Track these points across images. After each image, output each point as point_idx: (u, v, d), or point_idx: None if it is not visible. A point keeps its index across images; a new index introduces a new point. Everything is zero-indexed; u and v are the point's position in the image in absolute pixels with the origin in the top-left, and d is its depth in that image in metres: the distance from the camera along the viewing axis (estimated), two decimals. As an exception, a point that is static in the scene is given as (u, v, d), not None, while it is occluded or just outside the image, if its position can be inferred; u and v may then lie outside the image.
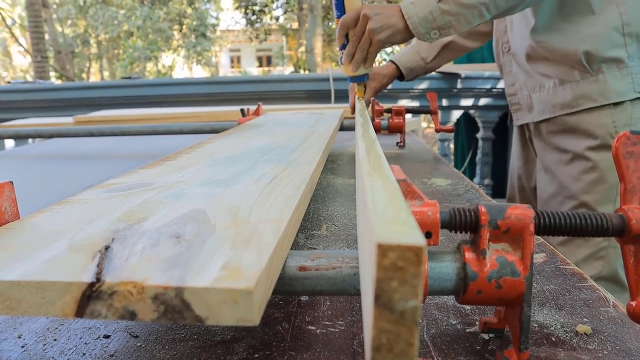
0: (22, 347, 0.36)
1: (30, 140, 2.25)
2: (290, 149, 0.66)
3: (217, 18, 18.29)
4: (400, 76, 1.39)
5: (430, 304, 0.43)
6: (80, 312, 0.25)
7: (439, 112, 1.29)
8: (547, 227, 0.34)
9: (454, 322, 0.40)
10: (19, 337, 0.38)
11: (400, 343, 0.20)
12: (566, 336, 0.37)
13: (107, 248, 0.29)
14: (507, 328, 0.37)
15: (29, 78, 17.18)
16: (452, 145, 3.64)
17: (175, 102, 2.97)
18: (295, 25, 15.29)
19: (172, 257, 0.28)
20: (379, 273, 0.20)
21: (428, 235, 0.32)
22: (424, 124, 5.96)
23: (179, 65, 18.89)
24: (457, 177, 0.94)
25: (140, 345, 0.37)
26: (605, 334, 0.37)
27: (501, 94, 2.97)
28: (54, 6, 15.45)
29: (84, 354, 0.35)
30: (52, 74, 12.04)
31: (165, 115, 1.76)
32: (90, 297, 0.25)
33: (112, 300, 0.25)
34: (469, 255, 0.33)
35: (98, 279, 0.25)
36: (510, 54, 1.19)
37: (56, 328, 0.39)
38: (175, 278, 0.25)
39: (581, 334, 0.38)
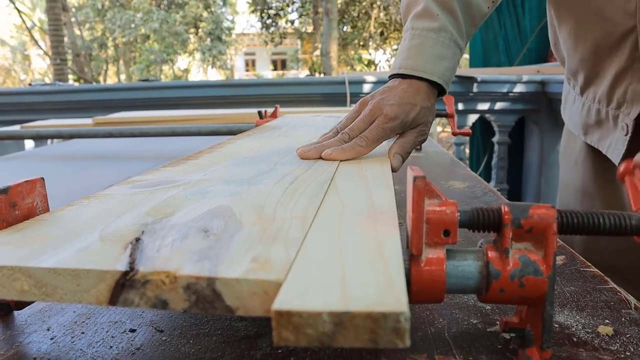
0: (51, 339, 0.37)
1: (48, 141, 2.28)
2: (310, 150, 0.67)
3: (232, 22, 18.42)
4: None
5: (450, 304, 0.43)
6: (113, 300, 0.26)
7: (455, 116, 1.29)
8: (569, 226, 0.34)
9: (474, 322, 0.40)
10: (48, 330, 0.39)
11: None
12: (588, 337, 0.37)
13: (137, 240, 0.30)
14: (528, 327, 0.37)
15: (47, 80, 17.44)
16: (467, 150, 3.63)
17: (192, 104, 3.00)
18: (310, 28, 15.34)
19: (203, 250, 0.28)
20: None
21: (446, 233, 0.33)
22: (439, 128, 5.95)
23: (194, 69, 19.05)
24: (475, 180, 0.94)
25: (165, 339, 0.37)
26: (628, 336, 0.37)
27: (517, 98, 2.96)
28: (73, 9, 15.67)
29: (111, 346, 0.36)
30: (70, 76, 12.21)
31: (182, 117, 1.78)
32: (123, 285, 0.26)
33: (145, 289, 0.25)
34: (491, 254, 0.33)
35: (132, 268, 0.26)
36: None
37: (83, 322, 0.40)
38: (206, 269, 0.25)
39: (603, 335, 0.38)
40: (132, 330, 0.39)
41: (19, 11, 12.49)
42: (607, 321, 0.40)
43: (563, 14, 0.80)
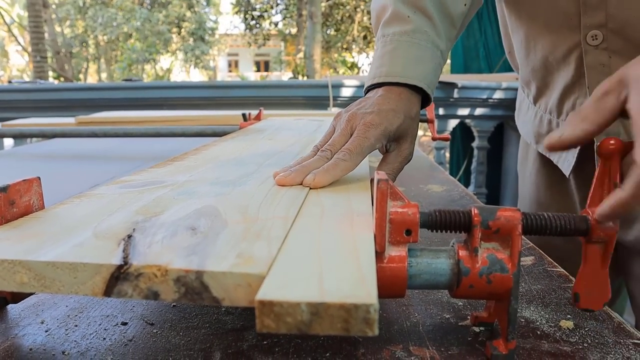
0: (46, 331, 0.39)
1: (28, 140, 2.26)
2: (293, 154, 0.69)
3: (215, 22, 18.39)
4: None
5: (425, 300, 0.46)
6: (108, 292, 0.28)
7: (436, 121, 1.32)
8: (532, 227, 0.37)
9: (447, 316, 0.43)
10: (42, 323, 0.40)
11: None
12: (550, 330, 0.40)
13: (129, 237, 0.32)
14: (496, 322, 0.39)
15: (26, 77, 17.19)
16: (447, 154, 3.68)
17: (175, 105, 3.00)
18: (294, 31, 15.37)
19: (191, 246, 0.30)
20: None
21: (408, 232, 0.35)
22: (420, 132, 6.02)
23: (177, 68, 18.95)
24: (452, 184, 0.97)
25: (156, 331, 0.39)
26: (586, 329, 0.40)
27: (497, 104, 3.01)
28: (53, 6, 15.48)
29: (104, 338, 0.38)
30: (50, 73, 12.06)
31: (167, 118, 1.79)
32: (118, 278, 0.28)
33: (138, 281, 0.27)
34: (462, 252, 0.36)
35: (126, 262, 0.28)
36: (605, 50, 0.66)
37: (76, 315, 0.41)
38: (195, 263, 0.28)
39: (564, 329, 0.40)
40: (124, 324, 0.40)
41: (-2, 7, 12.30)
42: (569, 316, 0.43)
43: (514, 24, 0.79)
